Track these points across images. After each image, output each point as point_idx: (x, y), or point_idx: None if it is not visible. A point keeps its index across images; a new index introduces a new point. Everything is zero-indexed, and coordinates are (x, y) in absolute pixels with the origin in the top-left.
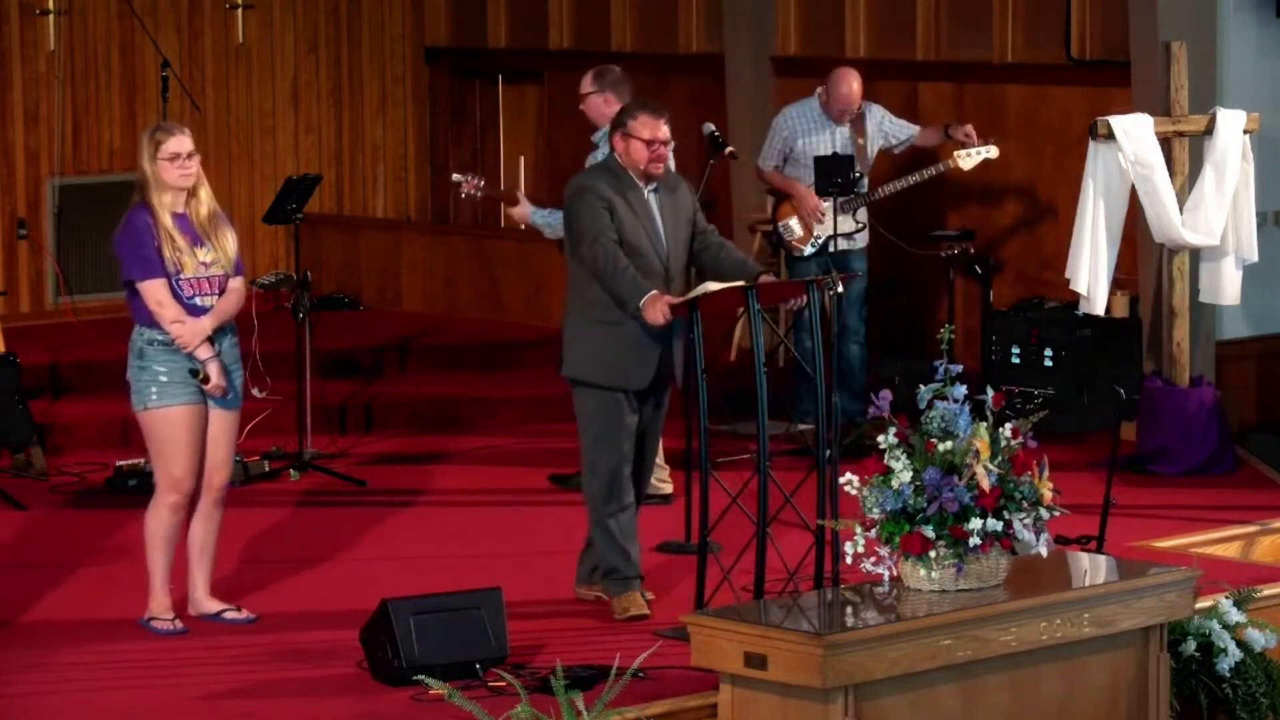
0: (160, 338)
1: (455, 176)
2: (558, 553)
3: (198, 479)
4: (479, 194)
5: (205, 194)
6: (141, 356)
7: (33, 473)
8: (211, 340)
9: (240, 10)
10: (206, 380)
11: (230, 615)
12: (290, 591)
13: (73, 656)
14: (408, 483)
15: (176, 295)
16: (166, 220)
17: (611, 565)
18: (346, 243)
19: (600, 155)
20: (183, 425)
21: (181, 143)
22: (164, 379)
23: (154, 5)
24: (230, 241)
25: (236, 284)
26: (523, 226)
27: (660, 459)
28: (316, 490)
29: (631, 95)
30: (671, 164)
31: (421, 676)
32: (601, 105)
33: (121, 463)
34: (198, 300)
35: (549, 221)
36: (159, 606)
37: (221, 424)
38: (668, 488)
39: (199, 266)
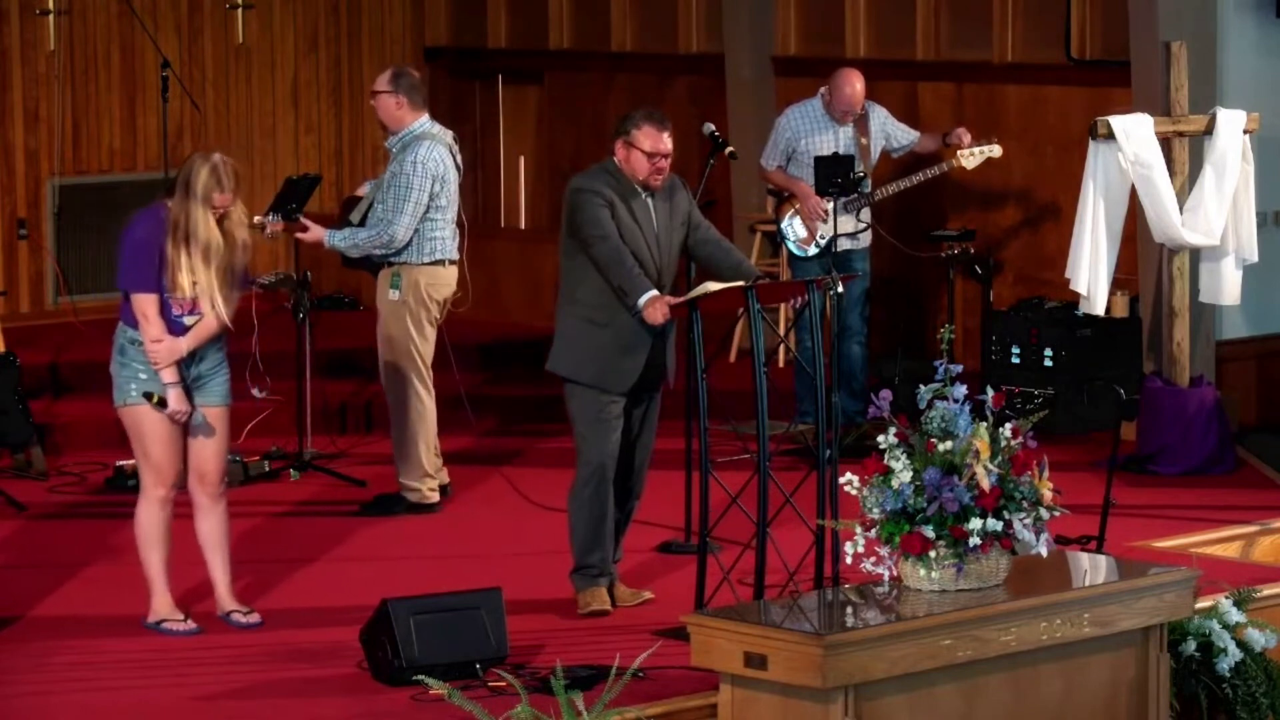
0: (141, 338)
1: (257, 219)
2: (558, 553)
3: (184, 473)
4: (278, 234)
5: (238, 215)
6: (123, 353)
7: (33, 473)
8: (183, 364)
9: (240, 10)
10: (162, 405)
11: (237, 617)
12: (290, 591)
13: (73, 656)
14: None
15: (164, 310)
16: (173, 234)
17: (583, 559)
18: None
19: (398, 162)
20: (162, 421)
21: (227, 199)
22: (144, 376)
23: (154, 5)
24: (237, 256)
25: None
26: (301, 237)
27: (437, 448)
28: (316, 490)
29: (425, 103)
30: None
31: (421, 676)
32: (393, 108)
33: (121, 463)
34: (185, 320)
35: (355, 242)
36: (165, 608)
37: (209, 420)
38: (435, 496)
39: (193, 286)
